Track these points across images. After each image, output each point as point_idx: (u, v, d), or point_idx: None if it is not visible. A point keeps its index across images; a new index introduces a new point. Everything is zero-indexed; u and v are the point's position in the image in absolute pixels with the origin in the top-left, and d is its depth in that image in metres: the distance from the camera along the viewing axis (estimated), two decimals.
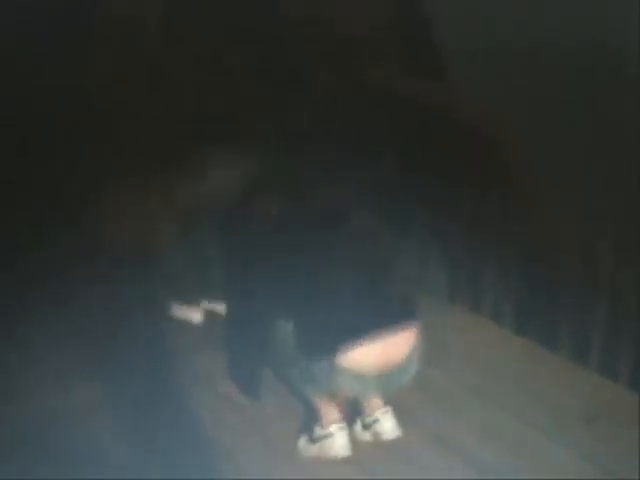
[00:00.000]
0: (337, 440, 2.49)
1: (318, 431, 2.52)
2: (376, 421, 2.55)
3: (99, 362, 3.04)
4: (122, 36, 3.03)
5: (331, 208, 2.30)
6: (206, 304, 3.46)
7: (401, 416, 2.58)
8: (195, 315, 3.45)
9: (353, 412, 2.63)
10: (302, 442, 2.58)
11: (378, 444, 2.55)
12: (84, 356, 3.08)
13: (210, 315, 3.43)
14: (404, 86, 2.29)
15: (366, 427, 2.57)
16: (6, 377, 2.95)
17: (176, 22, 2.86)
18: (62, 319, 3.23)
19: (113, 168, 3.14)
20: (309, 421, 2.62)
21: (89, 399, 2.82)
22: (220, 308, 3.41)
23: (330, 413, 2.51)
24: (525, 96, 2.97)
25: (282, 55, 2.36)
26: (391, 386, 2.43)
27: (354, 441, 2.54)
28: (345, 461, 2.50)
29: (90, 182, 3.20)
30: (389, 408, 2.56)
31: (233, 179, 3.11)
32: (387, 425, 2.54)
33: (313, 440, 2.54)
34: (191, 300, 3.45)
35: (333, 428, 2.49)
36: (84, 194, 3.24)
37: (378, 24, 2.32)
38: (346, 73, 2.25)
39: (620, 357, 2.83)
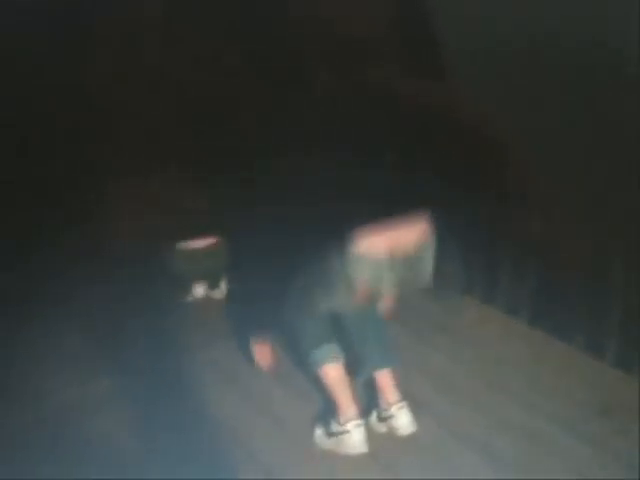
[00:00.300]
0: (354, 437, 2.48)
1: (335, 427, 2.52)
2: (392, 417, 2.54)
3: (109, 357, 3.04)
4: (122, 36, 3.03)
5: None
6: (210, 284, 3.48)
7: (416, 409, 2.59)
8: (199, 290, 3.46)
9: (369, 404, 2.64)
10: (318, 434, 2.58)
11: (393, 437, 2.55)
12: (94, 352, 3.08)
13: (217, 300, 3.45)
14: (404, 86, 2.29)
15: (382, 420, 2.57)
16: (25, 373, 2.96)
17: (176, 22, 2.86)
18: (71, 316, 3.23)
19: (114, 168, 3.14)
20: (325, 411, 2.63)
21: (100, 393, 2.83)
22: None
23: (348, 409, 2.50)
24: (525, 96, 2.97)
25: (282, 55, 2.36)
26: (404, 277, 2.40)
27: (369, 432, 2.54)
28: (359, 455, 2.50)
29: (95, 181, 3.21)
30: (405, 403, 2.55)
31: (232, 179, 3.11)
32: (403, 420, 2.54)
33: (330, 434, 2.54)
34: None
35: (350, 425, 2.49)
36: (95, 193, 3.24)
37: (378, 24, 2.32)
38: (346, 73, 2.25)
39: (635, 350, 2.82)
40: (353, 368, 2.62)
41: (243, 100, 2.69)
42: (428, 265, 2.44)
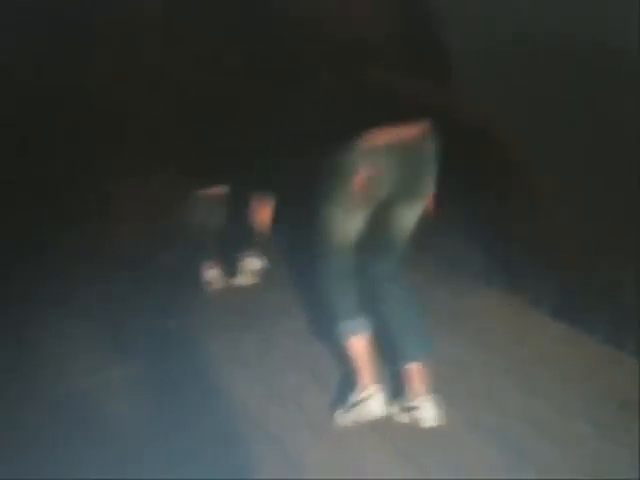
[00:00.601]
0: (373, 401, 2.50)
1: (354, 397, 2.54)
2: (417, 408, 2.53)
3: (122, 346, 3.03)
4: (122, 36, 3.02)
5: None
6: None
7: (438, 400, 2.57)
8: (212, 273, 3.43)
9: (394, 391, 2.62)
10: (337, 413, 2.59)
11: (414, 427, 2.53)
12: (106, 340, 3.06)
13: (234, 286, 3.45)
14: (405, 86, 2.28)
15: (406, 410, 2.56)
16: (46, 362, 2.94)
17: (176, 22, 2.86)
18: (81, 311, 3.21)
19: (114, 168, 3.14)
20: (343, 395, 2.62)
21: (113, 382, 2.82)
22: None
23: (368, 379, 2.52)
24: (525, 96, 2.97)
25: (282, 55, 2.36)
26: (406, 174, 2.34)
27: (390, 421, 2.54)
28: (379, 443, 2.49)
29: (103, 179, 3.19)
30: (431, 396, 2.54)
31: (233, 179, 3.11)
32: (429, 414, 2.52)
33: (349, 407, 2.55)
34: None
35: (370, 390, 2.50)
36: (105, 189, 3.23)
37: (379, 24, 2.32)
38: (347, 73, 2.25)
39: None
40: (386, 356, 2.62)
41: (243, 100, 2.69)
42: (430, 168, 2.39)
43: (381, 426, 2.54)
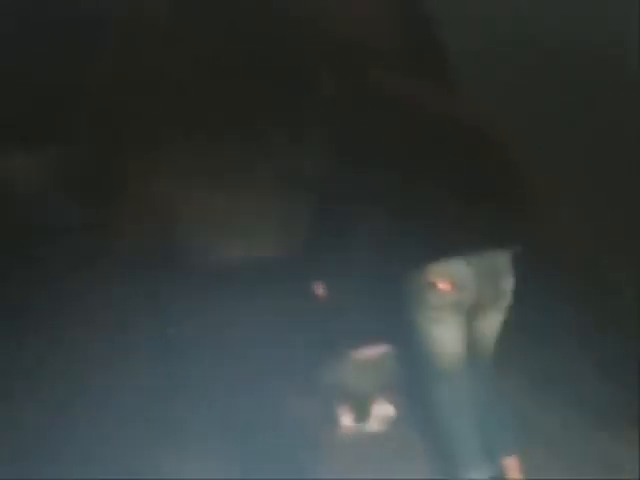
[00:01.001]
0: None
1: None
2: None
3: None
4: (123, 37, 3.03)
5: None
6: None
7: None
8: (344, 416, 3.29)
9: None
10: None
11: None
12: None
13: None
14: (406, 86, 2.29)
15: None
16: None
17: (177, 22, 2.86)
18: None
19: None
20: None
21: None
22: None
23: None
24: (525, 96, 2.97)
25: (283, 55, 2.36)
26: (485, 278, 2.38)
27: None
28: None
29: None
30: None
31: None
32: None
33: None
34: None
35: None
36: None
37: (381, 24, 2.32)
38: (347, 74, 2.25)
39: None
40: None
41: (243, 100, 2.68)
42: (506, 278, 2.43)
43: None
